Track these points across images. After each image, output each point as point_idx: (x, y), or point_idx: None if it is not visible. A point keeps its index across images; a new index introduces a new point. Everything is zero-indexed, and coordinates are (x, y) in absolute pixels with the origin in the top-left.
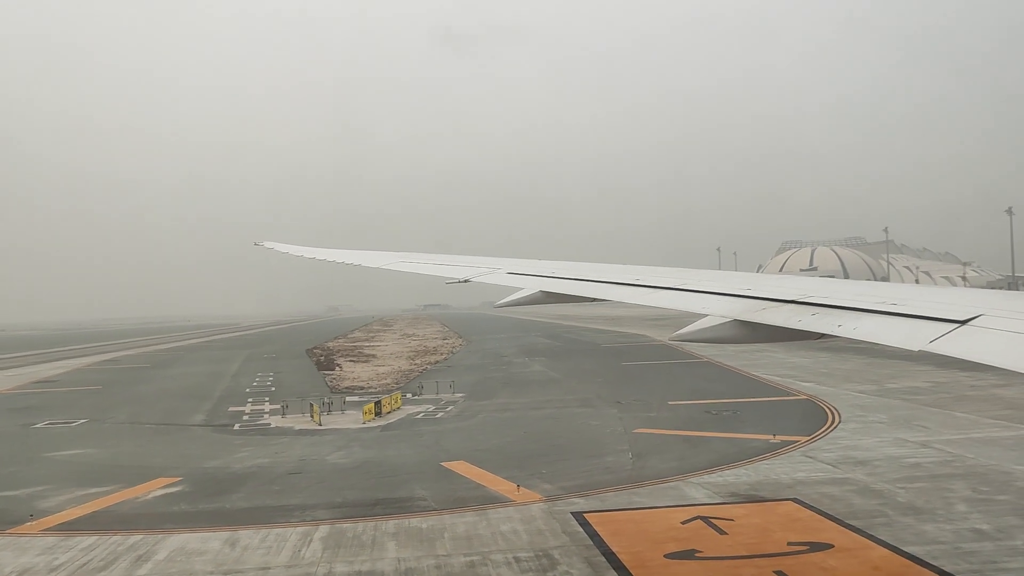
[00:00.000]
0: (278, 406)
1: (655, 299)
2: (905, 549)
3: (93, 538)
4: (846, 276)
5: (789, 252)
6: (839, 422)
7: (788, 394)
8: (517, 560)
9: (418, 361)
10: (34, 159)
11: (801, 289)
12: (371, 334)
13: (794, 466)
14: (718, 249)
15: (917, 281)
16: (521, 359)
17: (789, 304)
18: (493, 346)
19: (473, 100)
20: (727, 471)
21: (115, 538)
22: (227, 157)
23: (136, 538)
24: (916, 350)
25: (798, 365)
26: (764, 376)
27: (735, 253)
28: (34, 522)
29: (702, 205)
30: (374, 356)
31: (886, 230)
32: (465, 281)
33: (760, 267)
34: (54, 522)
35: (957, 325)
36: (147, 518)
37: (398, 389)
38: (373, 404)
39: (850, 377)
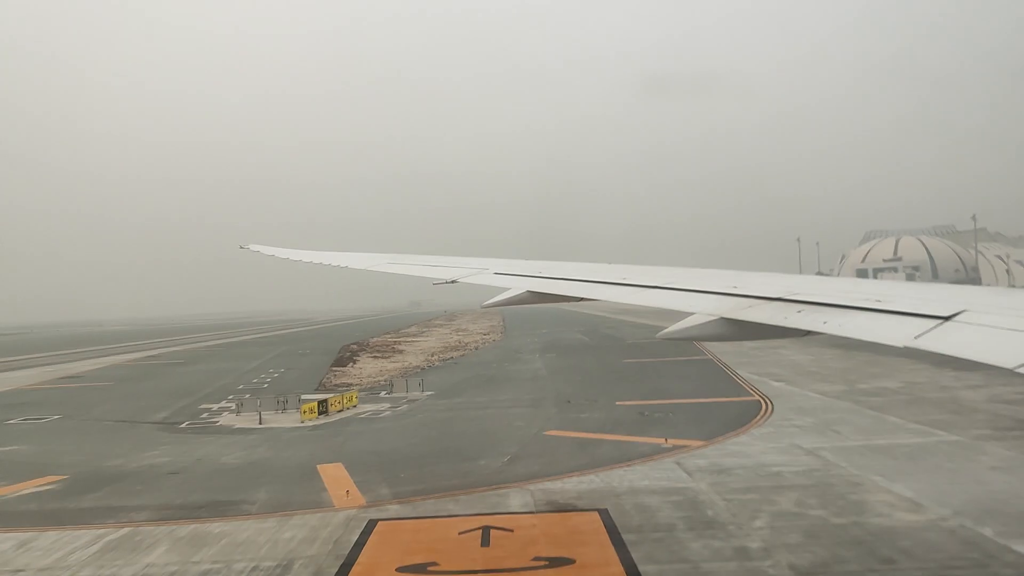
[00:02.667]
0: (252, 403)
1: (642, 298)
2: (643, 568)
3: None
4: (933, 266)
5: (872, 242)
6: (756, 425)
7: (745, 395)
8: (256, 569)
9: (434, 357)
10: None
11: (787, 287)
12: (425, 329)
13: (650, 472)
14: (798, 239)
15: (1008, 271)
16: (531, 355)
17: (775, 302)
18: (523, 342)
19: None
20: (575, 477)
21: None
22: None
23: None
24: (901, 346)
25: (792, 363)
26: (744, 375)
27: (817, 243)
28: None
29: (788, 194)
30: (401, 352)
31: (974, 217)
32: (452, 282)
33: (843, 257)
34: None
35: (940, 321)
36: (6, 516)
37: (382, 386)
38: (316, 403)
39: (830, 377)
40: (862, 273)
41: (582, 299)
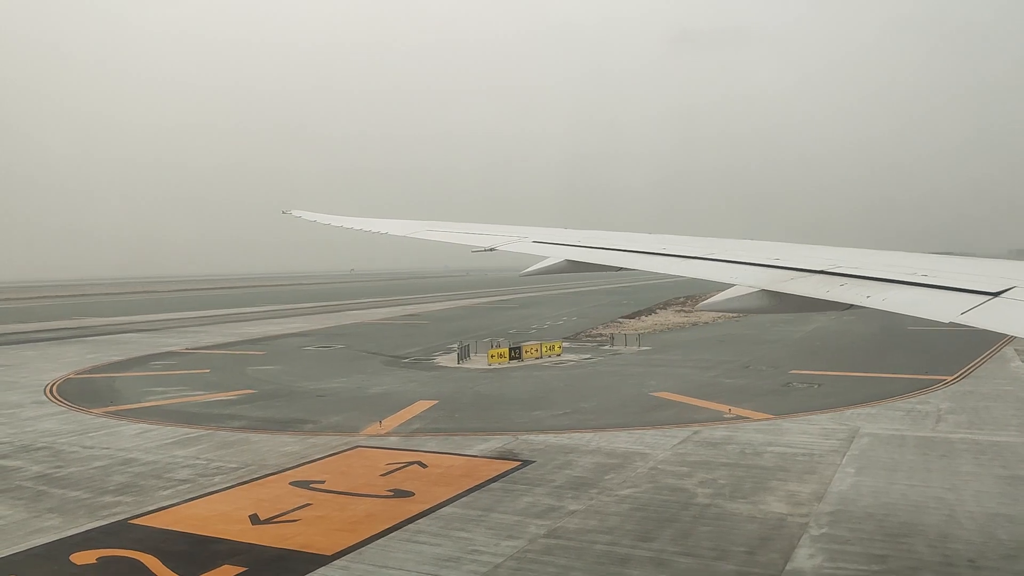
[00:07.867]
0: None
1: (682, 269)
2: (448, 510)
3: (106, 419)
4: None
5: None
6: (870, 405)
7: (941, 374)
8: (221, 468)
9: (730, 316)
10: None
11: (830, 259)
12: None
13: (648, 439)
14: None
15: None
16: (820, 316)
17: (817, 274)
18: None
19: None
20: (571, 433)
21: (117, 422)
22: None
23: (122, 423)
24: (947, 322)
25: None
26: (1005, 351)
27: None
28: (111, 407)
29: None
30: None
31: None
32: (491, 249)
33: None
34: (121, 408)
35: (989, 297)
36: (174, 414)
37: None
38: (507, 350)
39: None
40: None
41: (620, 268)
